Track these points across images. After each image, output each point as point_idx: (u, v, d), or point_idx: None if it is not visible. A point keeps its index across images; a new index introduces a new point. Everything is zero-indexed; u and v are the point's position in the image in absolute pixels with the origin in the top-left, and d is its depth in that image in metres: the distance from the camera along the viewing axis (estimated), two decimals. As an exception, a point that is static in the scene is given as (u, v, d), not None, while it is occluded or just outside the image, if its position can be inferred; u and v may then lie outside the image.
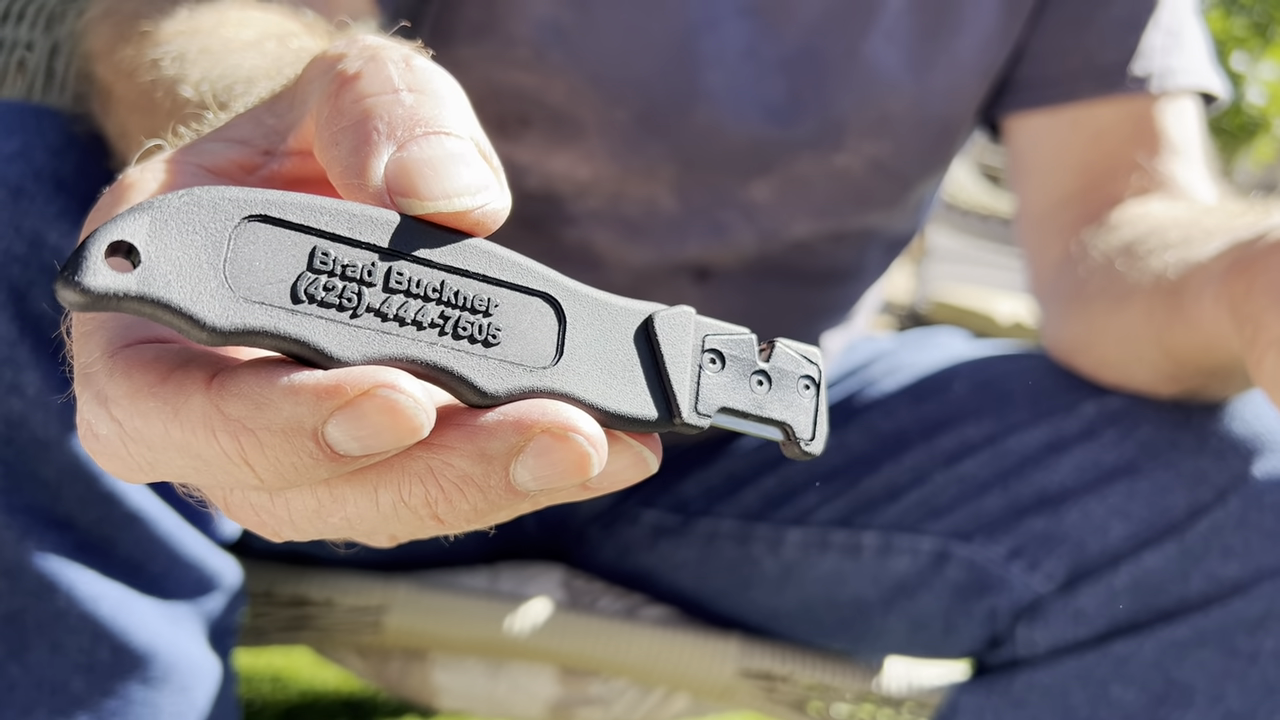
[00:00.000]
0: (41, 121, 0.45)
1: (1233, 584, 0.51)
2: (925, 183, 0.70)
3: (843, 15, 0.62)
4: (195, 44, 0.38)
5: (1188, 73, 0.65)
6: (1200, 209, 0.55)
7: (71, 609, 0.45)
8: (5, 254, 0.41)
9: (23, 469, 0.43)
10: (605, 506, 0.74)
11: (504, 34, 0.60)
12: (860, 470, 0.65)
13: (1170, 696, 0.52)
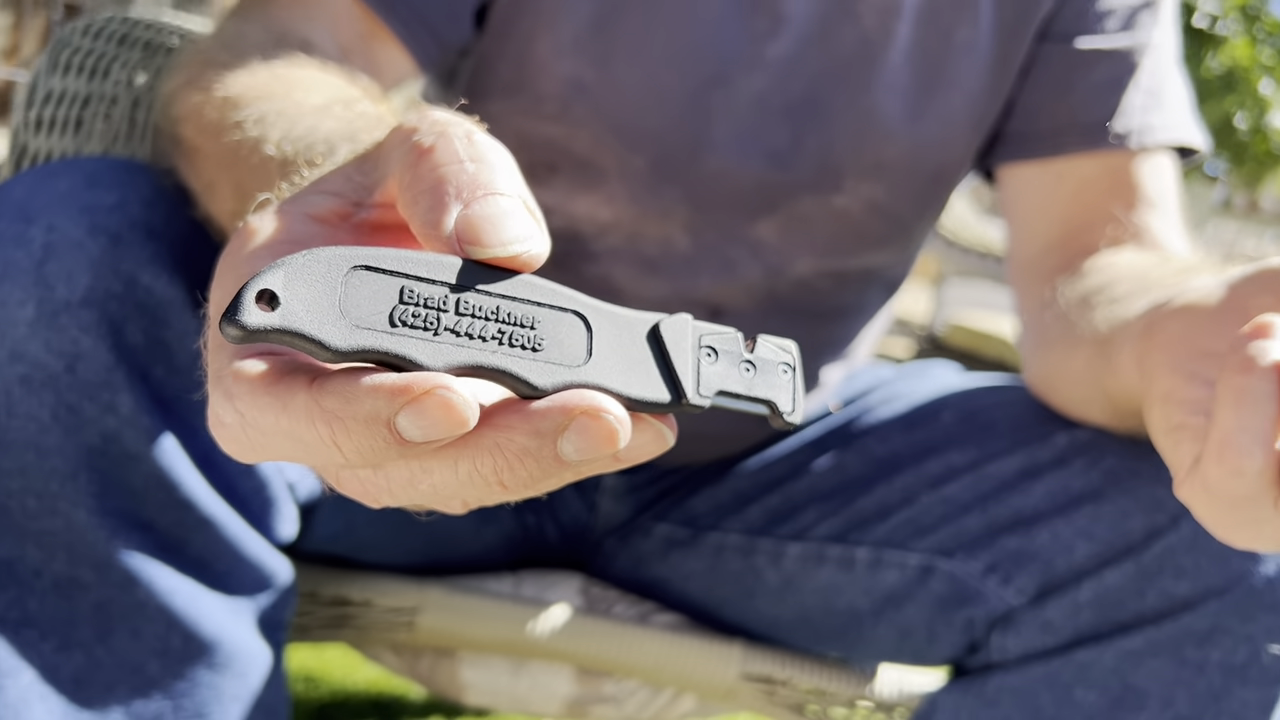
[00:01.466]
0: (135, 177, 0.52)
1: (1183, 600, 0.56)
2: (920, 223, 0.75)
3: (846, 68, 0.68)
4: (272, 107, 0.44)
5: (1166, 129, 0.70)
6: (1157, 262, 0.60)
7: (150, 601, 0.51)
8: (105, 293, 0.48)
9: (113, 478, 0.49)
10: (621, 520, 0.80)
11: (533, 91, 0.67)
12: (855, 491, 0.71)
13: (1127, 700, 0.58)
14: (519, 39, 0.65)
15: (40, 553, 0.49)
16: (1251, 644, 0.55)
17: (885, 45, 0.67)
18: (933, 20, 0.68)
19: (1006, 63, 0.70)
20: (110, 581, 0.50)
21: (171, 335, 0.50)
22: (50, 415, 0.47)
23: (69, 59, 0.66)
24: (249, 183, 0.42)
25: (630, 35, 0.65)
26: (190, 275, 0.50)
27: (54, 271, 0.47)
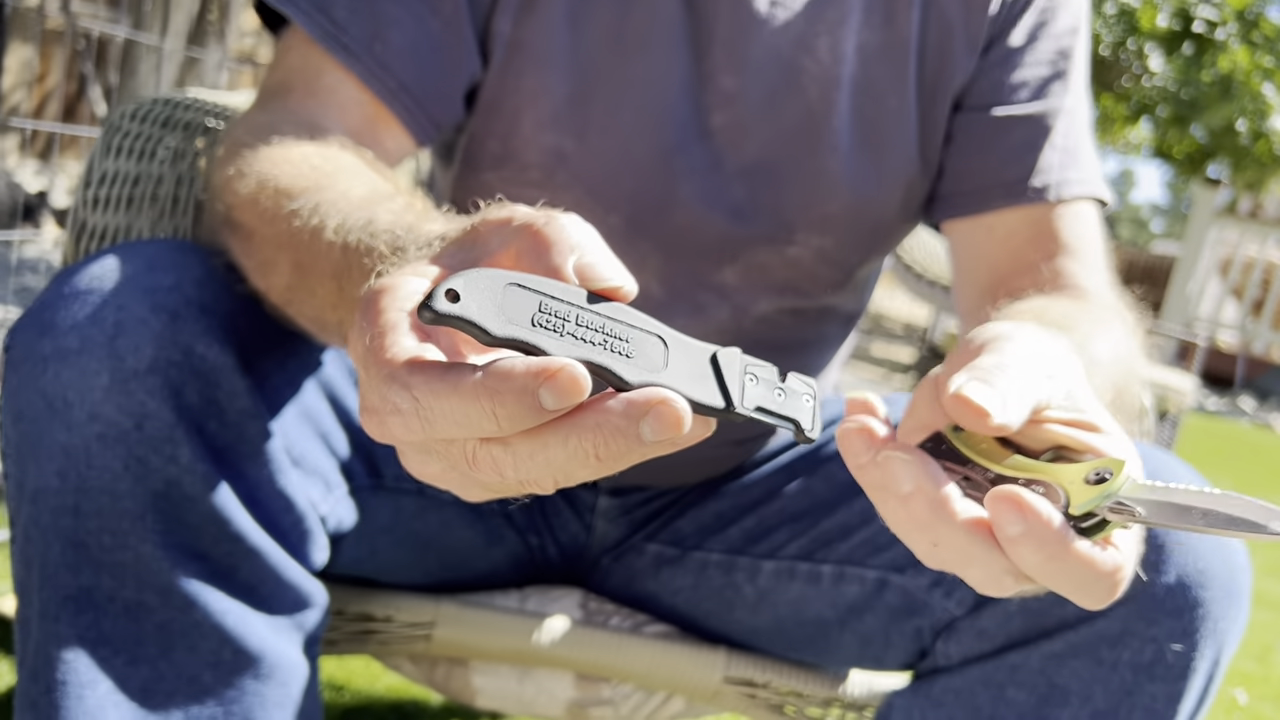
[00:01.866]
0: (187, 258, 0.60)
1: (1090, 611, 0.64)
2: (866, 268, 0.84)
3: (794, 135, 0.76)
4: (324, 198, 0.52)
5: (1082, 183, 0.78)
6: (1057, 309, 0.67)
7: (205, 621, 0.60)
8: (166, 362, 0.57)
9: (175, 517, 0.58)
10: (616, 541, 0.88)
11: (519, 161, 0.75)
12: (820, 513, 0.79)
13: (1052, 697, 0.66)
14: (505, 117, 0.74)
15: (113, 581, 0.58)
16: (1156, 645, 0.63)
17: (828, 114, 0.76)
18: (868, 90, 0.77)
19: (931, 127, 0.78)
20: (172, 605, 0.59)
21: (222, 395, 0.59)
22: (122, 465, 0.56)
23: (119, 143, 0.75)
24: (309, 261, 0.51)
25: (602, 111, 0.73)
26: (236, 343, 0.59)
27: (124, 345, 0.56)
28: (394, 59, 0.69)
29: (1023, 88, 0.78)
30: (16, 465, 0.58)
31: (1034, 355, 0.45)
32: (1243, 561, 0.66)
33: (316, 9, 0.68)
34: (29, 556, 0.58)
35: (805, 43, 0.75)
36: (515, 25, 0.72)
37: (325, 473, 0.68)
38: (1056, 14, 0.80)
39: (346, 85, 0.68)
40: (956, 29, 0.77)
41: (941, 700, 0.69)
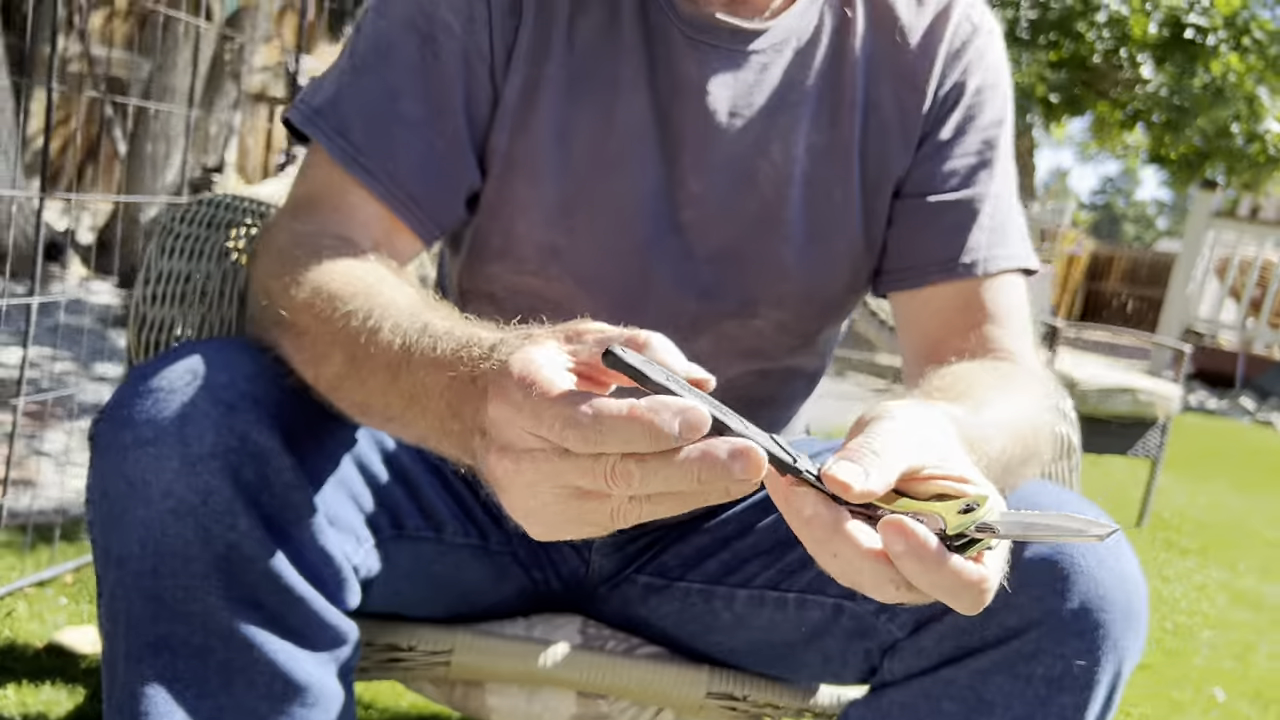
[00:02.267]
0: (240, 356, 0.73)
1: (1014, 630, 0.75)
2: (822, 335, 0.95)
3: (753, 227, 0.88)
4: (375, 303, 0.64)
5: (1007, 259, 0.89)
6: (969, 378, 0.78)
7: (261, 659, 0.72)
8: (225, 447, 0.68)
9: (235, 575, 0.70)
10: (610, 573, 1.00)
11: (517, 255, 0.87)
12: (785, 548, 0.90)
13: (980, 708, 0.77)
14: (504, 219, 0.86)
15: (185, 629, 0.70)
16: (1064, 660, 0.74)
17: (781, 207, 0.88)
18: (817, 185, 0.88)
19: (873, 214, 0.90)
20: (232, 647, 0.71)
21: (271, 471, 0.70)
22: (192, 534, 0.68)
23: (171, 244, 0.88)
24: (362, 355, 0.63)
25: (587, 214, 0.85)
26: (282, 427, 0.71)
27: (190, 434, 0.68)
28: (405, 176, 0.81)
29: (953, 176, 0.90)
30: (103, 535, 0.70)
31: (907, 431, 0.56)
32: (1140, 589, 0.77)
33: (337, 133, 0.80)
34: (115, 611, 0.70)
35: (761, 146, 0.87)
36: (510, 141, 0.84)
37: (356, 529, 0.80)
38: (982, 109, 0.91)
39: (366, 200, 0.80)
40: (893, 129, 0.89)
41: (888, 711, 0.81)
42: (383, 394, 0.62)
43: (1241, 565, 3.34)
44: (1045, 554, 0.75)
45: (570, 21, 0.85)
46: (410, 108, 0.81)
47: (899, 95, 0.89)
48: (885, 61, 0.90)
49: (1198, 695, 2.19)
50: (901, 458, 0.53)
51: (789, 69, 0.88)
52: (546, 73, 0.84)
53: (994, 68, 0.92)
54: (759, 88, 0.87)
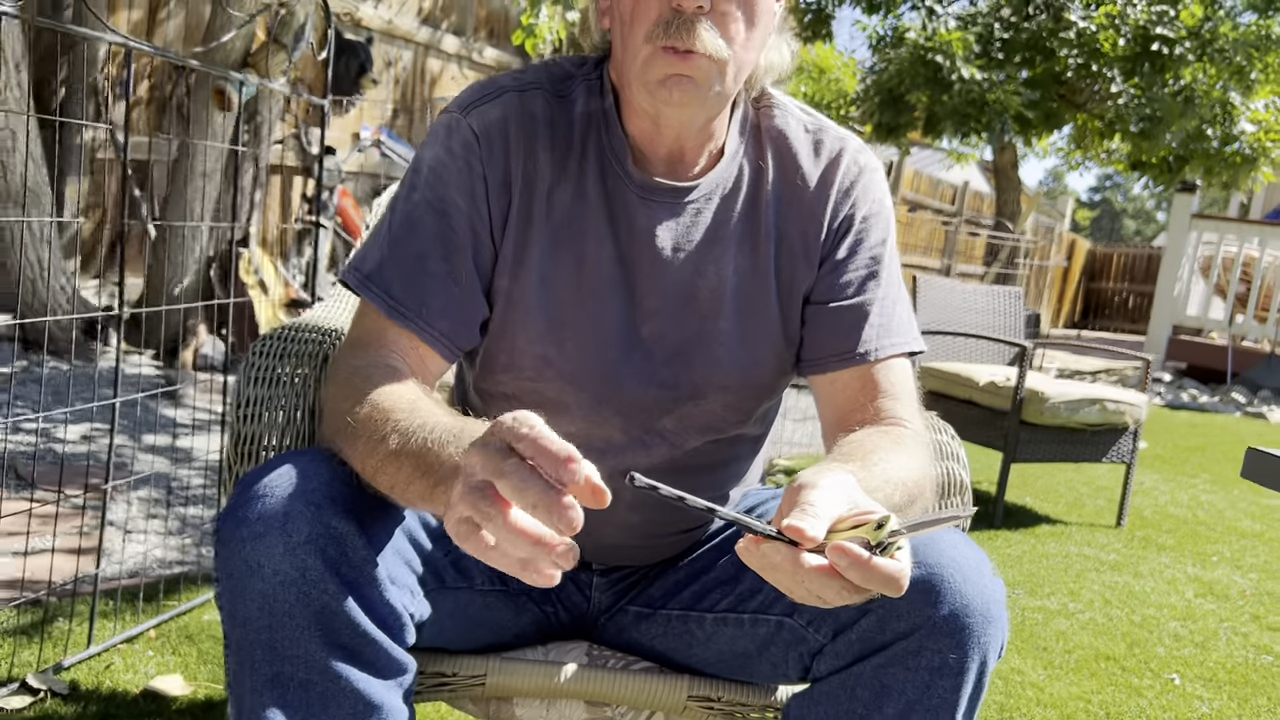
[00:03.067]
0: (320, 465, 0.99)
1: (903, 632, 1.00)
2: (760, 409, 1.21)
3: (696, 335, 1.14)
4: (417, 420, 0.90)
5: (893, 346, 1.14)
6: (870, 443, 1.04)
7: (348, 687, 0.97)
8: (314, 535, 0.93)
9: (327, 625, 0.95)
10: (607, 605, 1.26)
11: (519, 365, 1.14)
12: (740, 579, 1.16)
13: (882, 693, 1.01)
14: (507, 340, 1.13)
15: (292, 668, 0.96)
16: (941, 654, 0.99)
17: (718, 318, 1.14)
18: (744, 299, 1.15)
19: (790, 319, 1.16)
20: (327, 679, 0.97)
21: (349, 549, 0.96)
22: (295, 599, 0.94)
23: (253, 374, 1.15)
24: (416, 457, 0.88)
25: (571, 333, 1.12)
26: (355, 515, 0.97)
27: (290, 528, 0.94)
28: (433, 317, 1.08)
29: (848, 287, 1.15)
30: (229, 603, 0.96)
31: (830, 491, 0.81)
32: (996, 598, 1.01)
33: (383, 292, 1.08)
34: (241, 657, 0.96)
35: (699, 272, 1.14)
36: (509, 284, 1.11)
37: (410, 586, 1.06)
38: (869, 233, 1.17)
39: (405, 337, 1.08)
40: (799, 253, 1.16)
41: (818, 699, 1.06)
42: (409, 482, 0.89)
43: (1214, 557, 3.57)
44: (923, 576, 0.99)
45: (548, 194, 1.12)
46: (434, 267, 1.09)
47: (803, 227, 1.16)
48: (791, 200, 1.16)
49: (1155, 681, 2.43)
50: (831, 510, 0.80)
51: (717, 212, 1.14)
52: (533, 233, 1.11)
53: (877, 199, 1.19)
54: (694, 228, 1.14)
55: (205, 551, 2.56)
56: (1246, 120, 7.49)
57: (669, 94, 1.03)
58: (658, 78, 1.02)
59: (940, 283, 4.05)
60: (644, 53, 1.03)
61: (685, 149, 1.13)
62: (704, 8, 1.00)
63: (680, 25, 1.00)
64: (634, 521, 1.19)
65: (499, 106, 1.12)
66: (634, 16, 1.03)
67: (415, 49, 6.87)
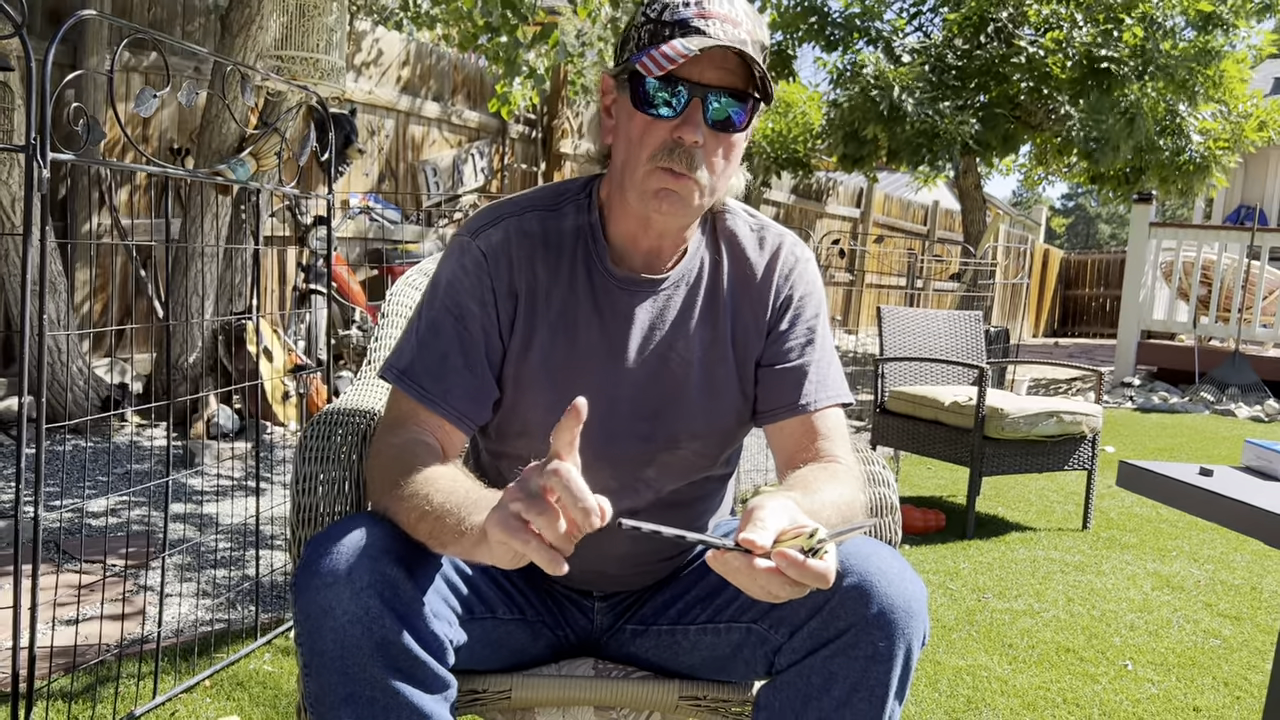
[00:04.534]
0: (375, 526, 1.22)
1: (842, 629, 1.23)
2: (725, 454, 1.47)
3: (670, 392, 1.39)
4: (442, 491, 1.17)
5: (828, 398, 1.40)
6: (810, 476, 1.30)
7: (406, 703, 1.20)
8: (373, 581, 1.18)
9: (385, 652, 1.19)
10: (608, 625, 1.51)
11: (530, 433, 1.39)
12: (716, 594, 1.41)
13: (829, 679, 1.25)
14: (520, 414, 1.39)
15: (359, 688, 1.20)
16: (872, 644, 1.23)
17: (687, 381, 1.40)
18: (708, 365, 1.41)
19: (745, 380, 1.42)
20: (388, 696, 1.20)
21: (402, 591, 1.20)
22: (361, 633, 1.18)
23: (306, 454, 1.41)
24: (436, 513, 1.13)
25: (570, 402, 1.38)
26: (405, 565, 1.21)
27: (354, 576, 1.18)
28: (456, 402, 1.34)
29: (791, 352, 1.41)
30: (308, 639, 1.20)
31: (777, 511, 1.07)
32: (916, 595, 1.25)
33: (412, 380, 1.34)
34: (321, 682, 1.20)
35: (670, 343, 1.40)
36: (516, 370, 1.37)
37: (449, 618, 1.31)
38: (805, 309, 1.44)
39: (435, 419, 1.33)
40: (750, 327, 1.42)
41: (780, 687, 1.30)
42: (440, 537, 1.14)
43: (1174, 552, 3.83)
44: (857, 583, 1.23)
45: (546, 294, 1.38)
46: (455, 362, 1.35)
47: (753, 306, 1.42)
48: (743, 285, 1.43)
49: (1110, 668, 2.68)
50: (776, 524, 1.05)
51: (684, 296, 1.41)
52: (535, 325, 1.37)
53: (810, 282, 1.46)
54: (667, 309, 1.40)
55: (239, 609, 2.80)
56: (1195, 131, 7.82)
57: (660, 204, 1.28)
58: (654, 189, 1.27)
59: (903, 312, 4.33)
60: (645, 169, 1.27)
61: (662, 248, 1.39)
62: (699, 143, 1.25)
63: (681, 153, 1.25)
64: (626, 554, 1.44)
65: (501, 230, 1.37)
66: (642, 141, 1.26)
67: (397, 116, 7.18)
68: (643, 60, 1.22)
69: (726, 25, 1.25)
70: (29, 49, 1.77)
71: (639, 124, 1.27)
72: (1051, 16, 7.99)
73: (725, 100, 1.25)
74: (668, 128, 1.25)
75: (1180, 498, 1.32)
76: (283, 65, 4.01)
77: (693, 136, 1.24)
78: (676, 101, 1.24)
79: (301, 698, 1.26)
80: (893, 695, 1.25)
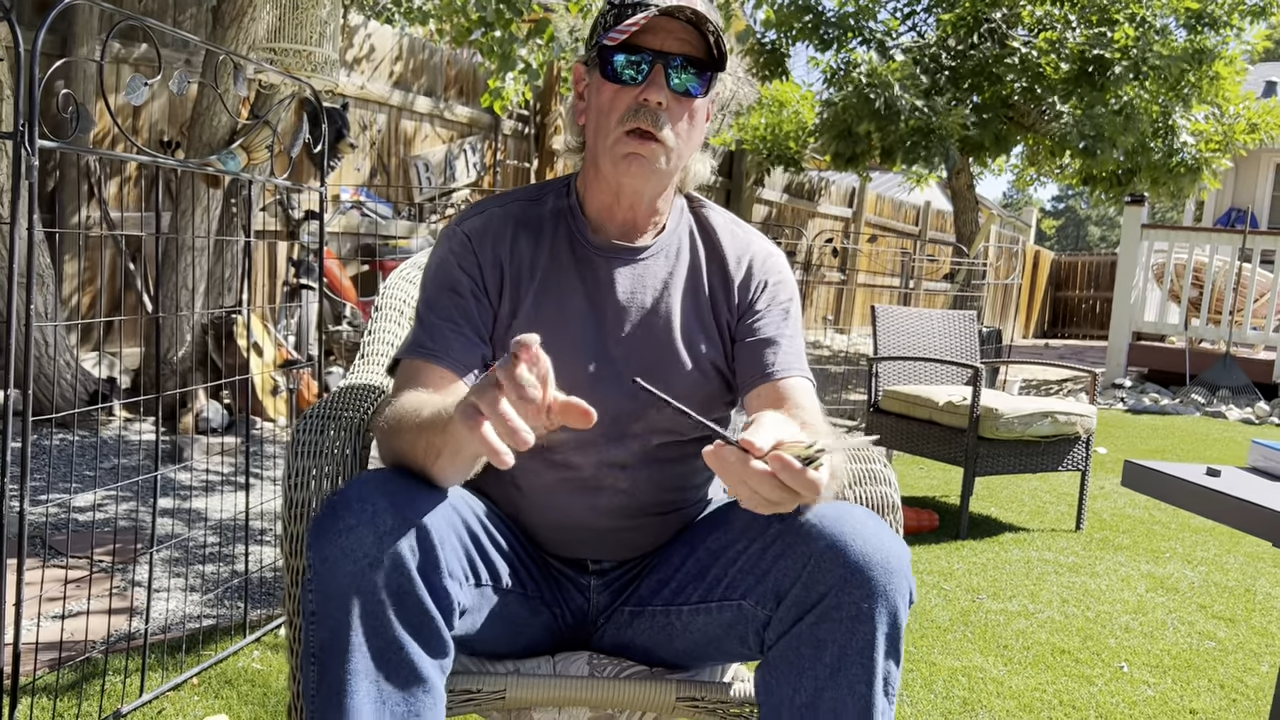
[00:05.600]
0: (393, 476, 1.19)
1: (823, 593, 1.19)
2: (710, 415, 1.46)
3: (656, 355, 1.41)
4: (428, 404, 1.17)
5: (797, 369, 1.43)
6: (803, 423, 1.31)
7: (408, 658, 1.12)
8: (395, 524, 1.13)
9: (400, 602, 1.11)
10: (605, 605, 1.48)
11: None
12: (706, 570, 1.37)
13: (819, 644, 1.20)
14: None
15: (369, 638, 1.12)
16: (855, 604, 1.19)
17: (670, 344, 1.42)
18: (689, 332, 1.43)
19: (725, 350, 1.46)
20: (393, 649, 1.14)
21: (422, 541, 1.16)
22: (381, 579, 1.14)
23: (299, 449, 1.38)
24: (434, 426, 1.14)
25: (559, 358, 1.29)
26: (427, 515, 1.17)
27: (379, 520, 1.14)
28: (456, 355, 1.35)
29: (765, 326, 1.45)
30: (321, 584, 1.15)
31: (781, 422, 1.08)
32: (895, 550, 1.22)
33: (420, 347, 1.36)
34: (330, 630, 1.16)
35: (655, 308, 1.43)
36: (505, 334, 1.40)
37: (459, 577, 1.27)
38: (777, 295, 1.48)
39: (437, 371, 1.34)
40: (723, 306, 1.47)
41: (774, 664, 1.26)
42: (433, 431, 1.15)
43: (1167, 554, 3.82)
44: (831, 544, 1.21)
45: (530, 266, 1.42)
46: (453, 328, 1.38)
47: (727, 288, 1.48)
48: (719, 269, 1.49)
49: (1106, 669, 2.67)
50: (776, 432, 1.06)
51: (665, 265, 1.47)
52: (521, 294, 1.42)
53: (782, 271, 1.52)
54: (646, 276, 1.45)
55: (228, 605, 2.77)
56: (1187, 133, 7.84)
57: (629, 166, 1.36)
58: (622, 153, 1.36)
59: (898, 311, 4.32)
60: (614, 134, 1.36)
61: (636, 219, 1.45)
62: (663, 104, 1.35)
63: (646, 113, 1.35)
64: (616, 505, 1.46)
65: (483, 218, 1.47)
66: (611, 106, 1.37)
67: (389, 111, 7.15)
68: (609, 35, 1.34)
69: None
70: (18, 35, 1.74)
71: (608, 93, 1.37)
72: (1045, 17, 7.99)
73: (686, 72, 1.37)
74: (634, 92, 1.36)
75: (1187, 498, 1.31)
76: (275, 58, 3.97)
77: (657, 97, 1.34)
78: (641, 69, 1.35)
79: (300, 660, 1.23)
80: (882, 655, 1.22)
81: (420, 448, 1.19)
